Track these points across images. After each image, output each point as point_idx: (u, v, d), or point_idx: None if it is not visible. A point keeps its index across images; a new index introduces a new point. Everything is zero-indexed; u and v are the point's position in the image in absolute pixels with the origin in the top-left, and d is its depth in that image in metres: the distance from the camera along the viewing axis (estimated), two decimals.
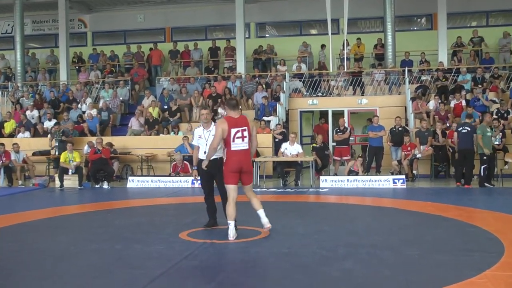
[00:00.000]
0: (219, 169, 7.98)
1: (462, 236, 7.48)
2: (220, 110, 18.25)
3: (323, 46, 21.61)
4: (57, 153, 16.73)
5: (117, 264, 6.24)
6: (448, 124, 16.19)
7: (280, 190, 12.41)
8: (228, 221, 7.48)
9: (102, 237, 7.81)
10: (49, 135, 17.70)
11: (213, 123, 8.17)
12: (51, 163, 17.15)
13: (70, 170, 15.11)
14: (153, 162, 17.23)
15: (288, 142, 14.82)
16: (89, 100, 20.24)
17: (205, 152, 8.00)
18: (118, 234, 7.95)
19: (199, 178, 8.18)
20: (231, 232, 7.38)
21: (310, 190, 13.52)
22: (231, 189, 7.48)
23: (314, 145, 16.14)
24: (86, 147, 16.86)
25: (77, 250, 7.00)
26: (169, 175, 15.55)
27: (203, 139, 8.09)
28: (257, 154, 15.51)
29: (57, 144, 16.97)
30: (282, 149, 14.79)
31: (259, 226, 7.99)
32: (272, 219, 8.02)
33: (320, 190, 13.55)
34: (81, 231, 8.50)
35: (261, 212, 7.72)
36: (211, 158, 7.90)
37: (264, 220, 7.69)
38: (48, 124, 18.86)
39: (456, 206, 10.29)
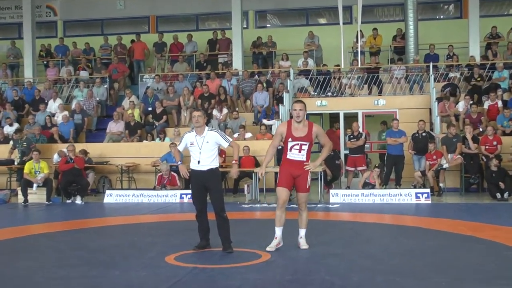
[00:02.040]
0: (213, 180, 7.96)
1: (499, 261, 7.43)
2: (215, 112, 18.25)
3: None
4: (17, 162, 16.73)
5: None
6: (481, 129, 16.19)
7: (292, 205, 12.35)
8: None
9: (74, 261, 7.75)
10: (11, 142, 17.68)
11: (206, 128, 8.16)
12: (13, 174, 17.12)
13: (35, 184, 15.07)
14: (135, 173, 17.20)
15: None
16: (59, 101, 20.24)
17: (199, 162, 8.01)
18: (93, 258, 7.89)
19: (188, 173, 8.18)
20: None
21: (319, 206, 13.49)
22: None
23: None
24: (55, 156, 16.83)
25: (43, 277, 6.93)
26: (154, 189, 15.52)
27: (196, 146, 8.07)
28: (256, 164, 15.49)
29: (19, 154, 16.94)
30: None
31: (259, 248, 7.94)
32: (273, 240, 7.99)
33: (330, 206, 13.52)
34: (48, 255, 8.44)
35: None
36: (204, 169, 7.96)
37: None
38: (9, 129, 18.85)
39: (491, 225, 10.25)
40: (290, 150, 7.96)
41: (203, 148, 8.02)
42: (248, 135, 17.33)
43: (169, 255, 7.90)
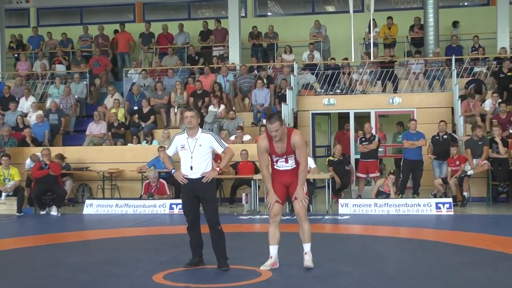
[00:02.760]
0: (206, 189, 7.98)
1: None
2: (212, 108, 18.24)
3: None
4: None
5: None
6: (511, 131, 16.19)
7: (286, 217, 12.34)
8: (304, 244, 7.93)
9: (49, 281, 7.75)
10: None
11: (200, 130, 8.16)
12: None
13: (3, 193, 15.05)
14: (119, 181, 17.19)
15: None
16: (32, 99, 20.24)
17: (191, 168, 8.01)
18: (71, 278, 7.87)
19: (185, 181, 8.12)
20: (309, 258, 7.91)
21: (326, 217, 13.48)
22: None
23: (330, 158, 16.14)
24: (28, 161, 16.81)
25: None
26: (140, 198, 15.51)
27: (188, 150, 8.07)
28: (256, 170, 15.49)
29: None
30: None
31: (258, 265, 7.96)
32: (278, 255, 7.99)
33: (339, 217, 13.51)
34: (19, 273, 8.41)
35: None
36: (196, 177, 7.96)
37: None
38: None
39: None
40: (276, 163, 7.93)
41: (195, 153, 8.01)
42: (247, 137, 17.33)
43: (157, 273, 7.89)
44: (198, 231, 8.23)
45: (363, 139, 16.17)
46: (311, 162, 14.74)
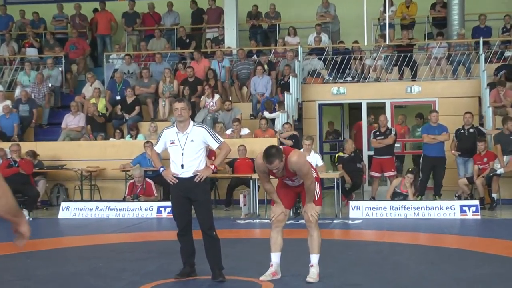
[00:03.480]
0: (199, 190, 7.98)
1: None
2: (205, 99, 18.24)
3: None
4: None
5: None
6: None
7: (290, 221, 12.35)
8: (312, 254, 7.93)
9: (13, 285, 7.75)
10: None
11: (192, 123, 8.16)
12: None
13: None
14: (99, 181, 17.19)
15: (302, 150, 14.80)
16: None
17: (182, 166, 8.01)
18: None
19: (175, 180, 8.11)
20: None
21: (335, 222, 13.51)
22: None
23: (340, 154, 16.14)
24: None
25: None
26: (124, 200, 15.52)
27: (178, 146, 8.08)
28: (255, 169, 15.49)
29: None
30: None
31: (258, 276, 7.97)
32: (280, 266, 8.01)
33: (350, 222, 13.54)
34: None
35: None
36: (187, 176, 7.97)
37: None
38: None
39: None
40: (282, 178, 7.99)
41: (186, 149, 8.02)
42: (245, 131, 17.33)
43: (143, 285, 7.90)
44: (190, 237, 8.23)
45: (378, 133, 16.18)
46: (318, 160, 14.77)
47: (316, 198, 7.93)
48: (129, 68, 20.36)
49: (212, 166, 8.25)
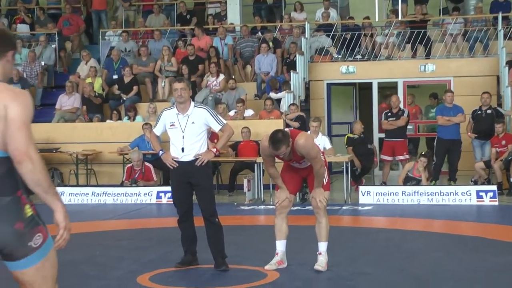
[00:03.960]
0: (200, 174, 8.00)
1: None
2: (209, 78, 18.22)
3: None
4: None
5: None
6: None
7: (297, 208, 12.41)
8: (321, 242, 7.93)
9: (14, 285, 7.78)
10: None
11: (192, 104, 8.17)
12: None
13: None
14: (96, 164, 17.22)
15: (309, 132, 14.82)
16: None
17: (182, 150, 8.01)
18: None
19: (175, 164, 8.15)
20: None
21: (344, 208, 13.53)
22: None
23: (349, 135, 16.15)
24: None
25: None
26: (122, 185, 15.56)
27: (178, 128, 8.08)
28: (260, 152, 15.52)
29: None
30: None
31: (263, 264, 8.01)
32: (286, 254, 8.05)
33: (360, 208, 13.56)
34: None
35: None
36: (188, 160, 7.99)
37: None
38: None
39: None
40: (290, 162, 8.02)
41: (187, 131, 8.01)
42: (249, 112, 17.35)
43: (142, 274, 7.92)
44: (191, 224, 8.25)
45: (389, 114, 16.17)
46: (326, 142, 14.78)
47: (324, 183, 7.95)
48: (126, 45, 20.35)
49: (214, 150, 8.23)
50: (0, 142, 3.78)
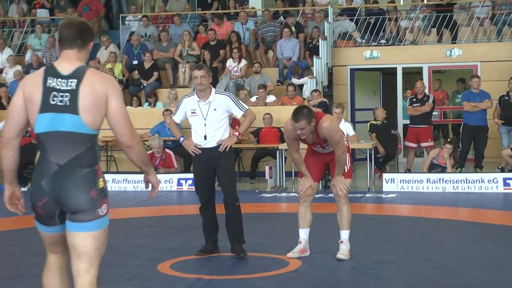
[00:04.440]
0: (223, 159, 7.99)
1: None
2: (230, 63, 18.22)
3: None
4: None
5: None
6: None
7: (319, 195, 12.40)
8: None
9: (33, 271, 7.83)
10: None
11: (213, 90, 8.15)
12: None
13: None
14: (116, 151, 17.26)
15: None
16: (8, 52, 20.35)
17: (205, 137, 8.00)
18: None
19: (196, 151, 8.15)
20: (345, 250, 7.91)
21: (367, 195, 13.53)
22: None
23: (373, 122, 16.10)
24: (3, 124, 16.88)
25: None
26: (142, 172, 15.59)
27: (200, 116, 8.06)
28: (281, 138, 15.52)
29: None
30: None
31: (285, 253, 8.02)
32: (309, 242, 8.07)
33: (384, 195, 13.54)
34: None
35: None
36: (211, 146, 7.98)
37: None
38: None
39: None
40: (313, 145, 8.01)
41: (209, 119, 8.01)
42: (271, 98, 17.33)
43: (163, 262, 7.97)
44: (213, 212, 8.27)
45: (414, 99, 16.09)
46: (349, 129, 14.73)
47: (346, 170, 7.94)
48: (147, 30, 20.37)
49: (237, 133, 8.28)
50: (92, 121, 4.43)
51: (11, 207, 4.56)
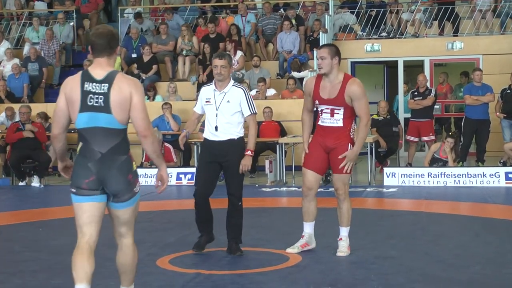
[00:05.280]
0: (233, 155, 7.91)
1: None
2: (240, 53, 18.21)
3: None
4: None
5: None
6: None
7: (320, 189, 12.40)
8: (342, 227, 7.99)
9: (31, 266, 7.85)
10: None
11: (232, 82, 8.06)
12: None
13: None
14: None
15: None
16: (6, 45, 20.34)
17: (216, 128, 7.93)
18: (57, 263, 7.94)
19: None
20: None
21: (368, 190, 13.56)
22: None
23: (374, 116, 16.11)
24: (3, 116, 16.87)
25: None
26: (141, 166, 15.61)
27: (213, 105, 7.97)
28: (282, 132, 15.54)
29: None
30: None
31: (285, 247, 8.04)
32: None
33: (385, 190, 13.58)
34: None
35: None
36: (221, 140, 7.91)
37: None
38: None
39: None
40: (321, 114, 7.95)
41: (221, 109, 7.92)
42: (271, 92, 17.34)
43: (162, 257, 7.99)
44: (207, 205, 8.10)
45: (416, 93, 16.10)
46: None
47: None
48: (143, 26, 20.34)
49: (249, 152, 8.03)
50: (122, 118, 5.50)
51: (66, 174, 5.74)
